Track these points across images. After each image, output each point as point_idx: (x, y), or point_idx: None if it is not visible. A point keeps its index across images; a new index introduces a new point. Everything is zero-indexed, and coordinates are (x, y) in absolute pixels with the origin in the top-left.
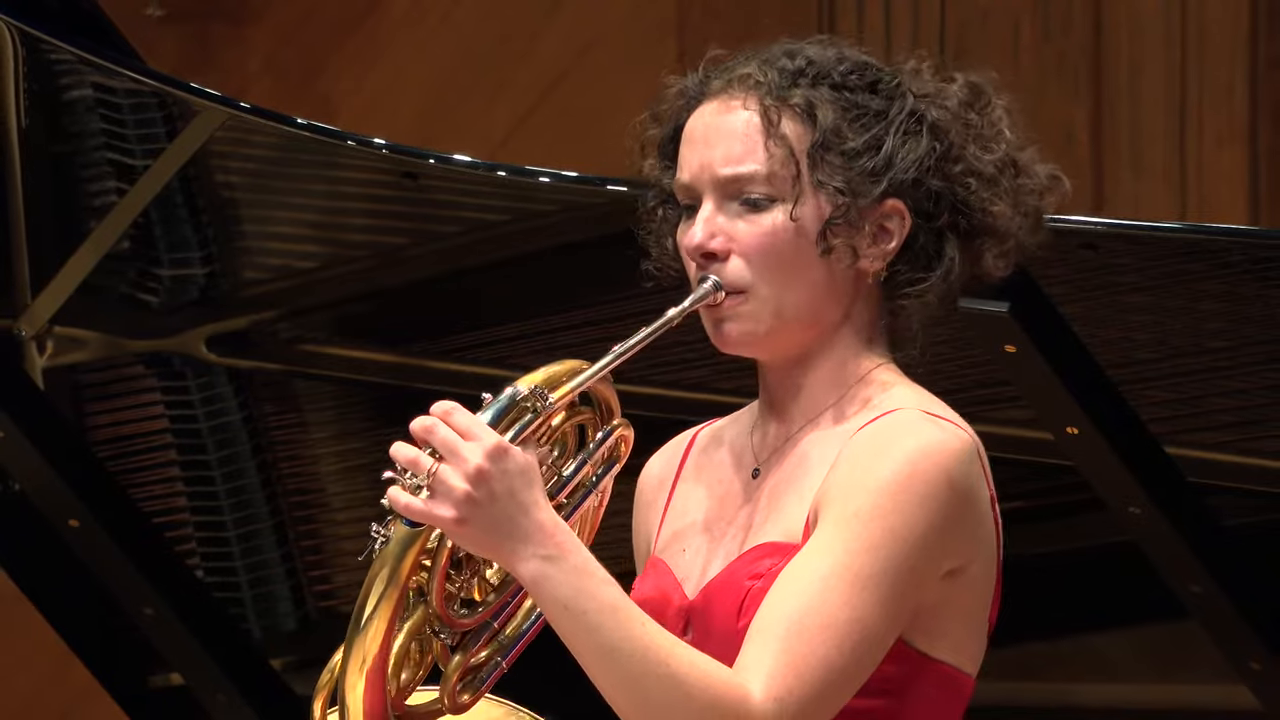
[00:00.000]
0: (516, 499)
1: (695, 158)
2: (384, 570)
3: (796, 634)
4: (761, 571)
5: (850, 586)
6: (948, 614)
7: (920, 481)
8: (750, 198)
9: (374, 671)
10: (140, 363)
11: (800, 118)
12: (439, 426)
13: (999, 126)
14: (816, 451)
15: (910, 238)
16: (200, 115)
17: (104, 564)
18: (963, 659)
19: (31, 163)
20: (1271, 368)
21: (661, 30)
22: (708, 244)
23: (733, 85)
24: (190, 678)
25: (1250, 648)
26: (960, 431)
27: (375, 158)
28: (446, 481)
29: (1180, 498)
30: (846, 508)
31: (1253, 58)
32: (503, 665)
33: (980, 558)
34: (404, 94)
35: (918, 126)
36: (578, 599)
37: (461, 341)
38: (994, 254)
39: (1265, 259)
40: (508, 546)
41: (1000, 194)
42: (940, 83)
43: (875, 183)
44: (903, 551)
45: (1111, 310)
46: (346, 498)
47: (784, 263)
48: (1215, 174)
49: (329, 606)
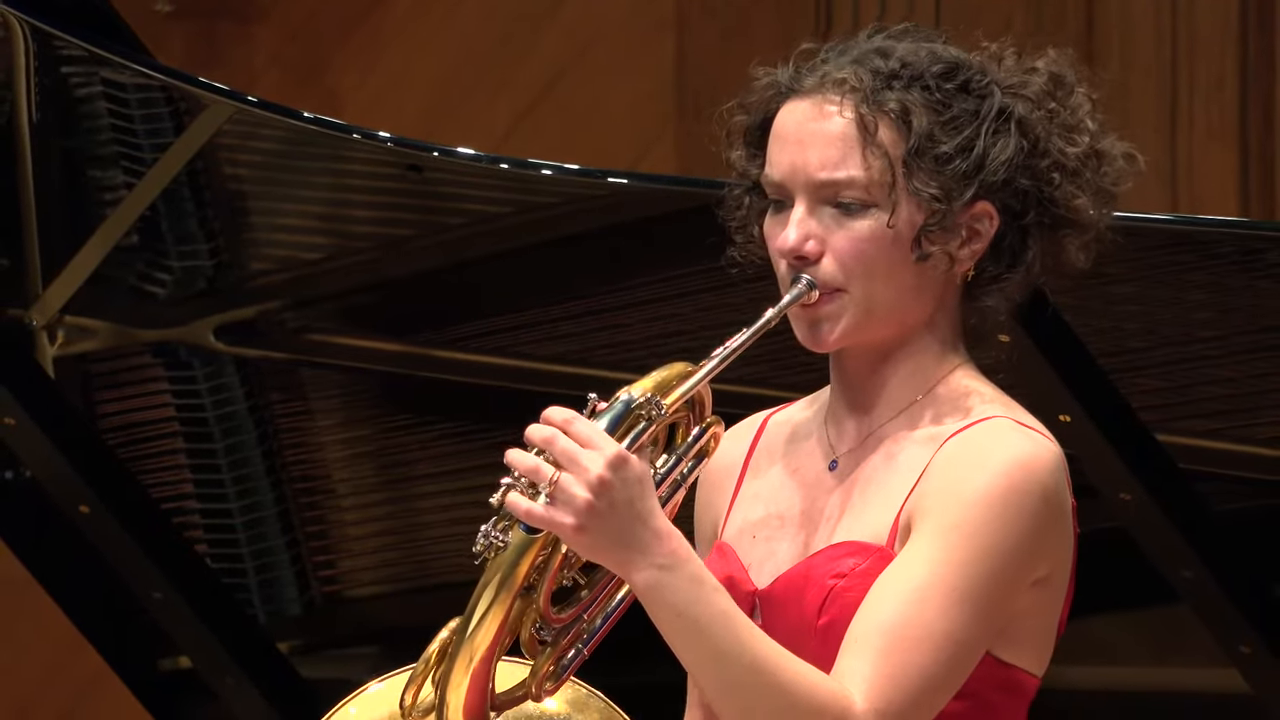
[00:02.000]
0: (634, 508)
1: (787, 157)
2: (499, 575)
3: (895, 645)
4: (844, 571)
5: (947, 599)
6: (1028, 621)
7: (1016, 495)
8: (844, 202)
9: (479, 670)
10: (149, 352)
11: (895, 123)
12: (559, 436)
13: (1080, 116)
14: (904, 454)
15: (997, 237)
16: (208, 109)
17: (113, 549)
18: (1034, 663)
19: (42, 155)
20: (1259, 356)
21: (660, 28)
22: (801, 247)
23: (826, 87)
24: (198, 661)
25: (1240, 632)
26: (1049, 442)
27: (380, 151)
28: (568, 490)
29: (1170, 484)
30: (944, 520)
31: (1242, 54)
32: (584, 653)
33: (1063, 565)
34: (408, 89)
35: (1006, 125)
36: (691, 607)
37: (465, 331)
38: (1076, 246)
39: (1253, 250)
40: (624, 555)
41: (1083, 186)
42: (1024, 72)
43: (967, 186)
44: (998, 565)
45: (1103, 300)
46: (351, 485)
47: (878, 266)
48: (1205, 168)
49: (333, 592)
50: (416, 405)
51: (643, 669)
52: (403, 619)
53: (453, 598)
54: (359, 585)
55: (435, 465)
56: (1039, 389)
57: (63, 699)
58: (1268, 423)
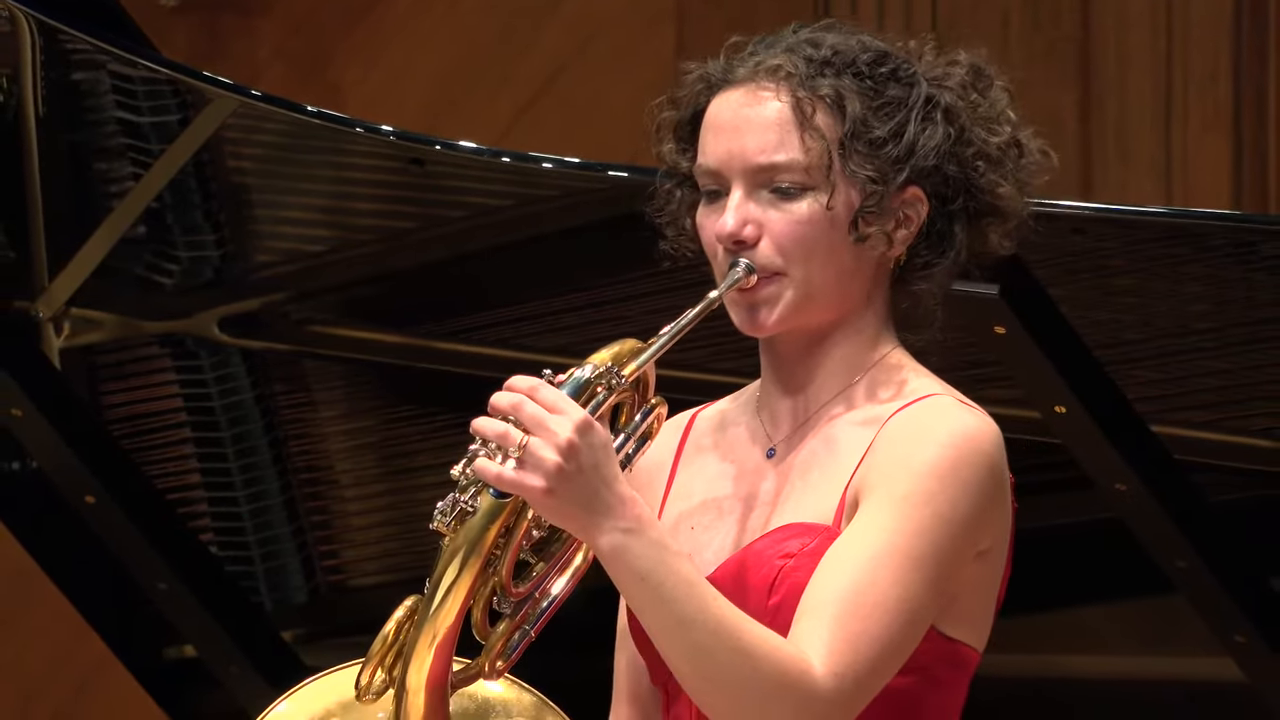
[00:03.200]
0: (600, 473)
1: (723, 144)
2: (468, 542)
3: (851, 611)
4: (793, 551)
5: (900, 566)
6: (969, 594)
7: (964, 466)
8: (782, 186)
9: (443, 645)
10: (155, 343)
11: (830, 108)
12: (527, 402)
13: (1001, 107)
14: (844, 436)
15: (926, 222)
16: (213, 103)
17: (119, 539)
18: (975, 638)
19: (48, 149)
20: (1254, 348)
21: (660, 22)
22: (740, 231)
23: (761, 75)
24: (203, 650)
25: (1235, 621)
26: (988, 418)
27: (383, 144)
28: (537, 454)
29: (1166, 475)
30: (894, 490)
31: (1236, 47)
32: (531, 634)
33: (1003, 539)
34: (411, 83)
35: (934, 113)
36: (655, 571)
37: (466, 323)
38: (999, 233)
39: (1247, 243)
40: (590, 519)
41: (1006, 175)
42: (944, 65)
43: (900, 170)
44: (948, 533)
45: (1099, 293)
46: (355, 474)
47: (816, 249)
48: (1199, 161)
49: (338, 581)
50: (419, 396)
51: None
52: None
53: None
54: (363, 575)
55: (437, 456)
56: (1035, 380)
57: (68, 687)
58: (1262, 414)
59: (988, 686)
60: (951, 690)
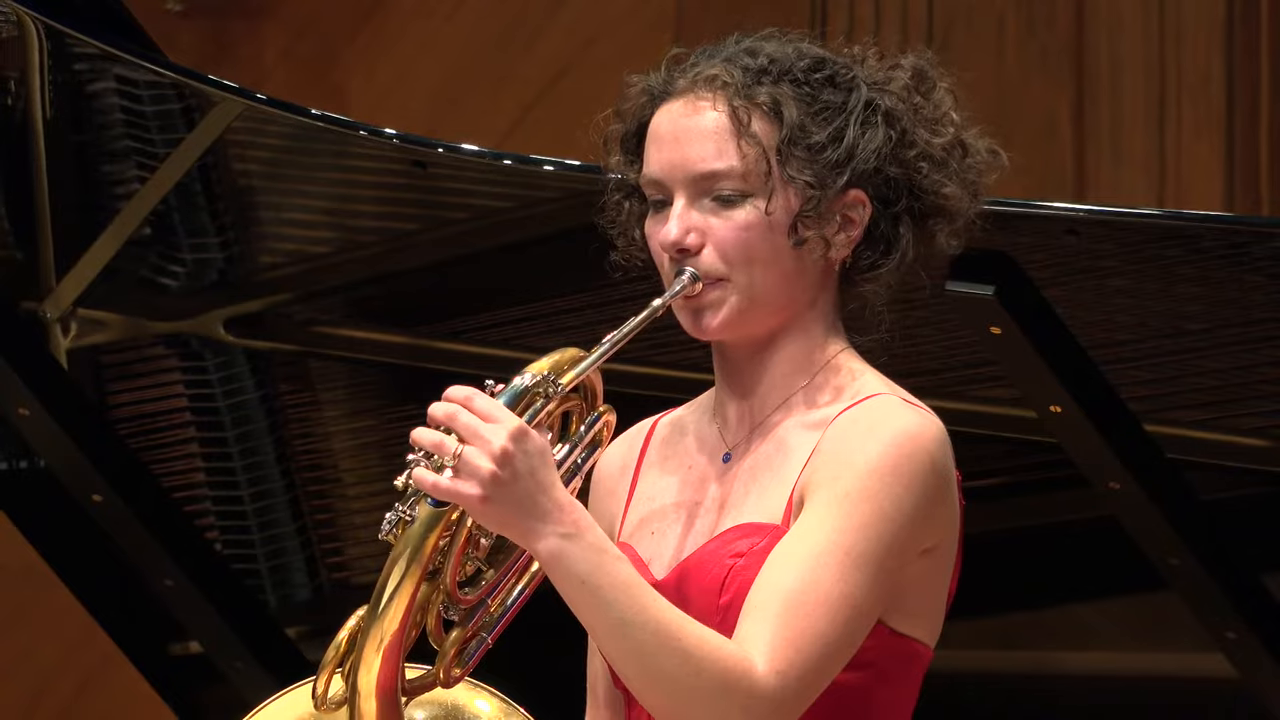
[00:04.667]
0: (536, 478)
1: (665, 155)
2: (408, 550)
3: (793, 609)
4: (742, 550)
5: (842, 564)
6: (917, 591)
7: (907, 464)
8: (722, 194)
9: (390, 650)
10: (160, 344)
11: (767, 116)
12: (461, 412)
13: (944, 108)
14: (793, 438)
15: (870, 224)
16: (218, 106)
17: (126, 537)
18: (926, 634)
19: (56, 152)
20: (1245, 348)
21: (659, 25)
22: (683, 240)
23: (699, 85)
24: (209, 646)
25: (1226, 618)
26: (934, 417)
27: (386, 147)
28: (472, 462)
29: (1159, 473)
30: (836, 489)
31: (1228, 50)
32: (488, 641)
33: (950, 536)
34: (414, 86)
35: (874, 116)
36: (594, 575)
37: (468, 323)
38: (946, 233)
39: (1239, 244)
40: (528, 524)
41: (950, 175)
42: (887, 70)
43: (839, 174)
44: (890, 531)
45: (1093, 293)
46: (358, 473)
47: (758, 254)
48: (1192, 162)
49: (342, 578)
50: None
51: None
52: None
53: None
54: (366, 572)
55: None
56: (1031, 380)
57: (75, 682)
58: (1254, 413)
59: (984, 681)
60: (902, 686)
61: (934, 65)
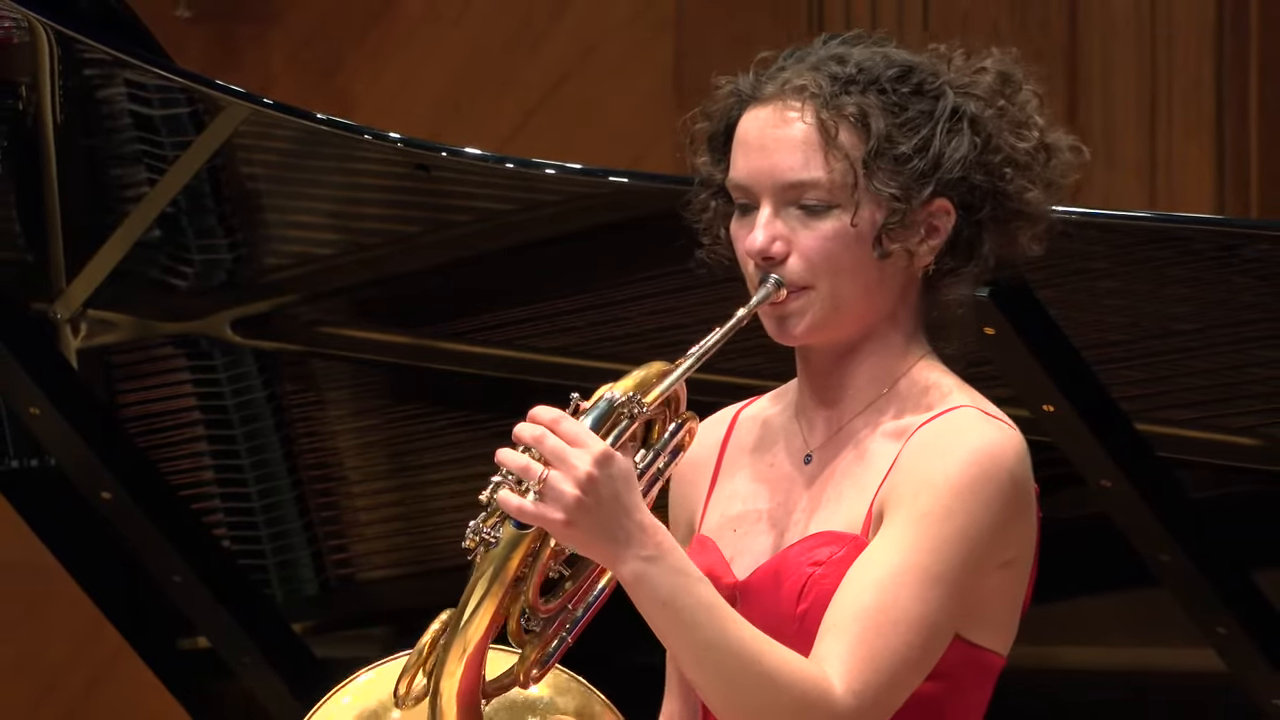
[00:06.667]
0: (620, 503)
1: (752, 162)
2: (491, 568)
3: (871, 629)
4: (822, 559)
5: (920, 583)
6: (994, 603)
7: (986, 482)
8: (808, 204)
9: (472, 659)
10: (169, 344)
11: (854, 126)
12: (548, 435)
13: (1029, 112)
14: (874, 447)
15: (953, 231)
16: (225, 110)
17: (135, 534)
18: (1000, 644)
19: (66, 155)
20: (1234, 349)
21: (661, 32)
22: (769, 248)
23: (787, 94)
24: (216, 641)
25: (1217, 613)
26: (1013, 430)
27: (390, 150)
28: (557, 487)
29: (1150, 471)
30: (916, 507)
31: (1219, 54)
32: (568, 641)
33: (1028, 548)
34: (418, 91)
35: (960, 124)
36: (676, 597)
37: (471, 324)
38: (1028, 236)
39: (1228, 246)
40: (611, 549)
41: (1034, 179)
42: (973, 72)
43: (925, 184)
44: (968, 549)
45: (1085, 294)
46: (363, 471)
47: (842, 264)
48: (1183, 166)
49: (347, 574)
50: (425, 395)
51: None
52: (412, 600)
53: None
54: (371, 568)
55: (443, 453)
56: (1024, 380)
57: (85, 676)
58: (1244, 412)
59: None
60: (975, 695)
61: (1019, 65)
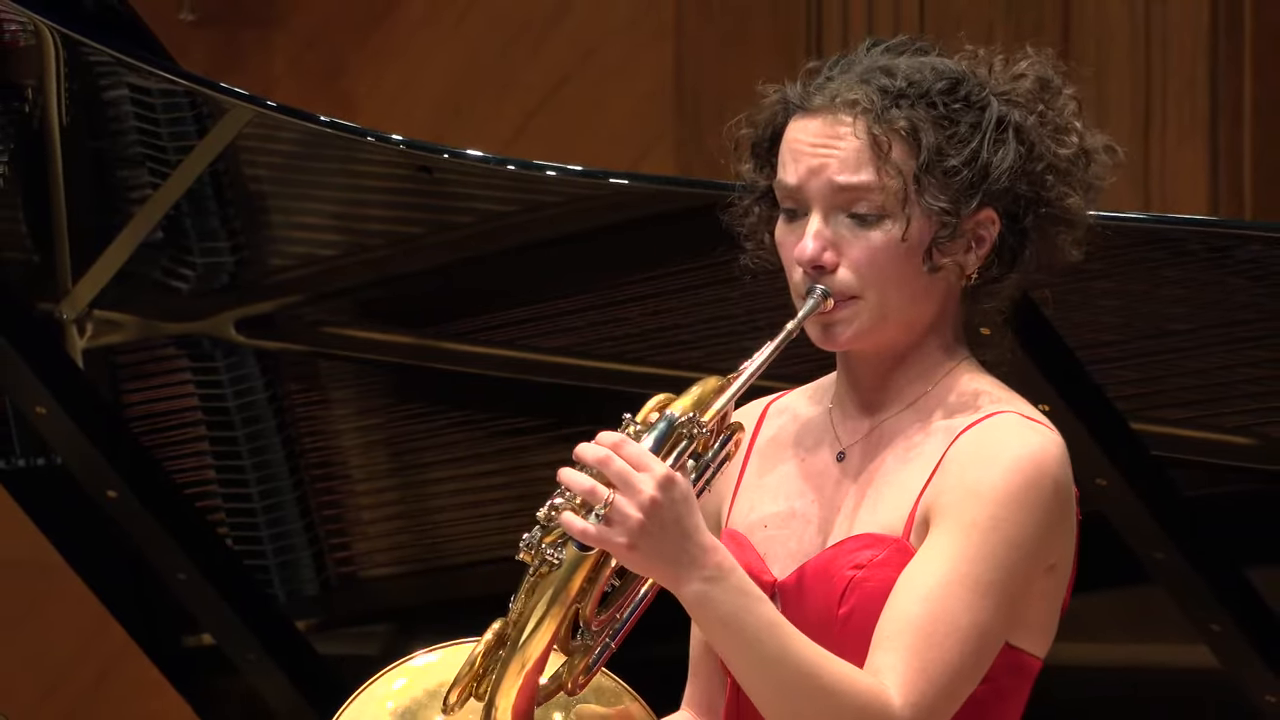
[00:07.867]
0: (682, 526)
1: (803, 168)
2: (553, 589)
3: (924, 640)
4: (863, 562)
5: (971, 593)
6: (1037, 607)
7: (1030, 490)
8: (859, 213)
9: (530, 676)
10: (173, 344)
11: (905, 140)
12: (613, 458)
13: (1068, 116)
14: (915, 448)
15: (998, 240)
16: (229, 113)
17: (139, 532)
18: (1040, 647)
19: (72, 157)
20: (1228, 349)
21: (659, 37)
22: (820, 257)
23: (838, 107)
24: (220, 638)
25: (1211, 611)
26: (1054, 434)
27: (393, 153)
28: (622, 510)
29: (1145, 470)
30: (962, 518)
31: (1212, 58)
32: (612, 646)
33: (1069, 551)
34: (419, 93)
35: (1005, 134)
36: (738, 616)
37: (473, 324)
38: (1069, 242)
39: (1221, 248)
40: (674, 571)
41: (1074, 185)
42: (1012, 79)
43: (973, 195)
44: (1016, 558)
45: (1080, 295)
46: (365, 470)
47: (891, 276)
48: (1177, 168)
49: (348, 572)
50: (427, 395)
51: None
52: (414, 598)
53: (461, 578)
54: (373, 566)
55: (444, 452)
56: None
57: (91, 673)
58: (1237, 412)
59: None
60: (1015, 698)
61: (1055, 68)
